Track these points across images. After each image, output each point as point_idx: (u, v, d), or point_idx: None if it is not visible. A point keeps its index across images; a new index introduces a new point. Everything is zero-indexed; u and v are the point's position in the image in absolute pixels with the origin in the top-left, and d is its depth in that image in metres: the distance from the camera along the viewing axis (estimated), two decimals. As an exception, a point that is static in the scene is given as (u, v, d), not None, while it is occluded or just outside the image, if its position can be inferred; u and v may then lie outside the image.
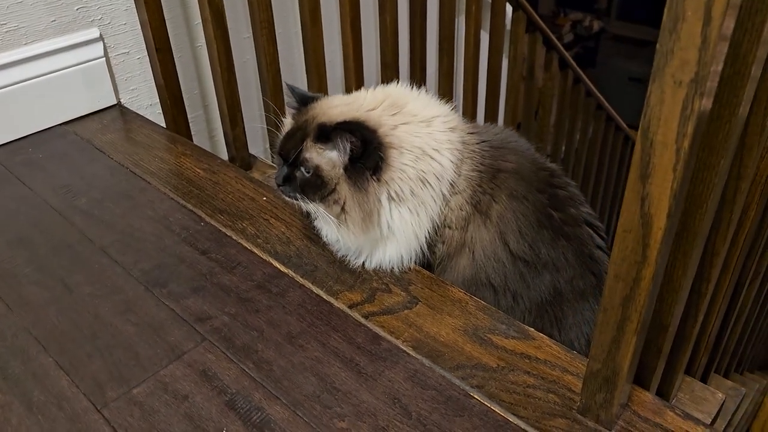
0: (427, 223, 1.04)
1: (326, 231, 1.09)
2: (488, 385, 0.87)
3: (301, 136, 1.02)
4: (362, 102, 1.06)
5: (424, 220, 1.03)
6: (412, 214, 1.02)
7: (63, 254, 1.11)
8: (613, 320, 0.72)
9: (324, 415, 0.83)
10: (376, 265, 1.08)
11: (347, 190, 1.00)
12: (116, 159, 1.37)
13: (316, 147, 1.01)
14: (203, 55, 1.69)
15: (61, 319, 0.98)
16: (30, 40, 1.41)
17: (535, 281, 1.07)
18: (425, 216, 1.03)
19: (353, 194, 1.00)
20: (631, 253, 0.66)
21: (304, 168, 1.01)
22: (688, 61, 0.54)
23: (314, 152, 1.01)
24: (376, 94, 1.08)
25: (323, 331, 0.95)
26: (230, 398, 0.85)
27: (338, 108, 1.04)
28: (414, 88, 1.12)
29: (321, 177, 1.00)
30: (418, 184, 1.01)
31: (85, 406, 0.85)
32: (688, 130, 0.57)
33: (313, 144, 1.01)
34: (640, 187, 0.63)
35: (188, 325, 0.97)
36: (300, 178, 1.02)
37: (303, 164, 1.01)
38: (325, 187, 1.00)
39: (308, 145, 1.01)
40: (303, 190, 1.02)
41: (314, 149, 1.01)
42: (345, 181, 1.00)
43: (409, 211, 1.02)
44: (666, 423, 0.82)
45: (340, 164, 1.00)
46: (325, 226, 1.08)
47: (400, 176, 1.01)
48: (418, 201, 1.02)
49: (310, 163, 1.00)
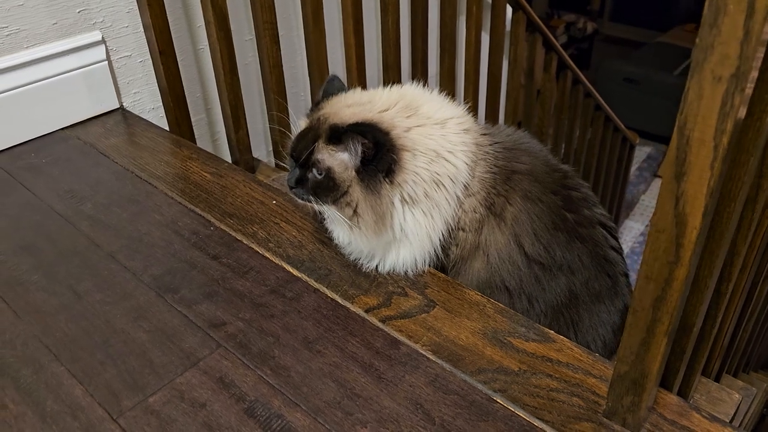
0: (441, 226, 1.02)
1: (338, 233, 1.08)
2: (511, 389, 0.86)
3: (313, 136, 1.00)
4: (377, 102, 1.04)
5: (438, 222, 1.02)
6: (426, 216, 1.01)
7: (71, 260, 1.09)
8: (643, 322, 0.71)
9: (346, 422, 0.81)
10: (389, 268, 1.06)
11: (360, 193, 0.99)
12: (121, 163, 1.35)
13: (328, 148, 0.99)
14: (206, 58, 1.67)
15: (72, 326, 0.96)
16: (31, 44, 1.39)
17: (550, 284, 1.06)
18: (439, 218, 1.02)
19: (366, 196, 0.99)
20: (664, 253, 0.65)
21: (316, 170, 1.00)
22: (728, 55, 0.53)
23: (326, 154, 0.99)
24: (390, 94, 1.07)
25: (341, 336, 0.94)
26: (249, 406, 0.84)
27: (351, 108, 1.03)
28: (428, 90, 1.11)
29: (333, 179, 0.99)
30: (432, 187, 1.00)
31: (100, 416, 0.83)
32: (727, 127, 0.56)
33: (325, 145, 0.99)
34: (674, 186, 0.61)
35: (202, 332, 0.95)
36: (312, 180, 1.00)
37: (315, 166, 0.99)
38: (338, 189, 0.99)
39: (320, 147, 0.99)
40: (315, 192, 1.00)
41: (326, 150, 0.99)
42: (357, 184, 0.99)
43: (423, 213, 1.01)
44: (693, 425, 0.81)
45: (352, 166, 0.99)
46: (338, 229, 1.07)
47: (414, 179, 0.99)
48: (432, 203, 1.00)
49: (322, 164, 0.99)
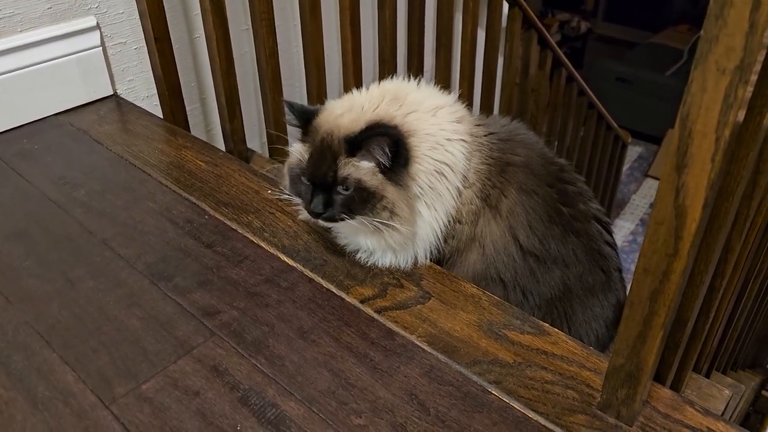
0: (444, 218, 1.01)
1: (365, 242, 1.03)
2: (506, 380, 0.86)
3: (331, 155, 0.97)
4: (364, 103, 1.02)
5: (441, 214, 1.01)
6: (429, 208, 1.00)
7: (63, 247, 1.07)
8: (640, 314, 0.71)
9: (340, 412, 0.81)
10: (403, 264, 1.05)
11: (393, 192, 0.97)
12: (115, 150, 1.34)
13: (351, 162, 0.96)
14: (201, 47, 1.65)
15: (64, 313, 0.95)
16: (25, 28, 1.37)
17: (544, 277, 1.06)
18: (442, 210, 1.01)
19: (398, 193, 0.97)
20: (663, 245, 0.65)
21: (343, 186, 0.96)
22: (733, 47, 0.53)
23: (351, 167, 0.96)
24: (371, 92, 1.04)
25: (335, 326, 0.93)
26: (243, 394, 0.83)
27: (345, 117, 0.99)
28: (411, 80, 1.08)
29: (365, 189, 0.96)
30: (436, 177, 0.99)
31: (92, 402, 0.82)
32: (730, 119, 0.56)
33: (347, 159, 0.96)
34: (675, 178, 0.61)
35: (196, 320, 0.94)
36: (342, 198, 0.96)
37: (343, 183, 0.96)
38: (374, 197, 0.96)
39: (343, 163, 0.96)
40: (349, 208, 0.96)
41: (350, 164, 0.96)
42: (388, 184, 0.97)
43: (426, 205, 1.00)
44: (686, 419, 0.81)
45: (377, 170, 0.97)
46: (364, 238, 1.03)
47: (422, 167, 0.98)
48: (436, 194, 0.99)
49: (351, 179, 0.95)
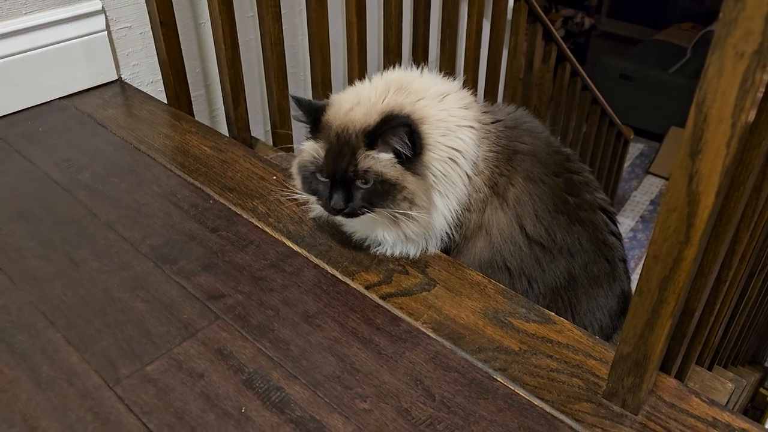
0: (456, 206, 1.01)
1: (383, 236, 1.03)
2: (511, 368, 0.86)
3: (350, 150, 0.96)
4: (372, 95, 1.01)
5: (454, 203, 1.00)
6: (442, 197, 1.00)
7: (67, 229, 1.07)
8: (649, 302, 0.71)
9: (345, 396, 0.81)
10: (415, 253, 1.05)
11: (413, 182, 0.96)
12: (119, 134, 1.33)
13: (371, 154, 0.96)
14: (206, 33, 1.65)
15: (68, 293, 0.95)
16: (30, 10, 1.37)
17: (550, 266, 1.06)
18: (455, 199, 1.00)
19: (417, 183, 0.97)
20: (674, 232, 0.65)
21: (363, 180, 0.95)
22: (752, 31, 0.53)
23: (371, 160, 0.95)
24: (376, 84, 1.04)
25: (341, 311, 0.93)
26: (248, 377, 0.83)
27: (356, 110, 0.98)
28: (414, 68, 1.08)
29: (386, 181, 0.95)
30: (449, 164, 0.99)
31: (96, 383, 0.82)
32: (746, 104, 0.56)
33: (366, 153, 0.96)
34: (689, 164, 0.61)
35: (201, 303, 0.94)
36: (364, 191, 0.96)
37: (364, 176, 0.95)
38: (395, 188, 0.95)
39: (362, 156, 0.95)
40: (371, 201, 0.96)
41: (369, 157, 0.95)
42: (408, 174, 0.96)
43: (440, 194, 0.99)
44: (692, 409, 0.81)
45: (395, 161, 0.96)
46: (383, 231, 1.02)
47: (435, 155, 0.98)
48: (449, 182, 0.99)
49: (371, 171, 0.95)
